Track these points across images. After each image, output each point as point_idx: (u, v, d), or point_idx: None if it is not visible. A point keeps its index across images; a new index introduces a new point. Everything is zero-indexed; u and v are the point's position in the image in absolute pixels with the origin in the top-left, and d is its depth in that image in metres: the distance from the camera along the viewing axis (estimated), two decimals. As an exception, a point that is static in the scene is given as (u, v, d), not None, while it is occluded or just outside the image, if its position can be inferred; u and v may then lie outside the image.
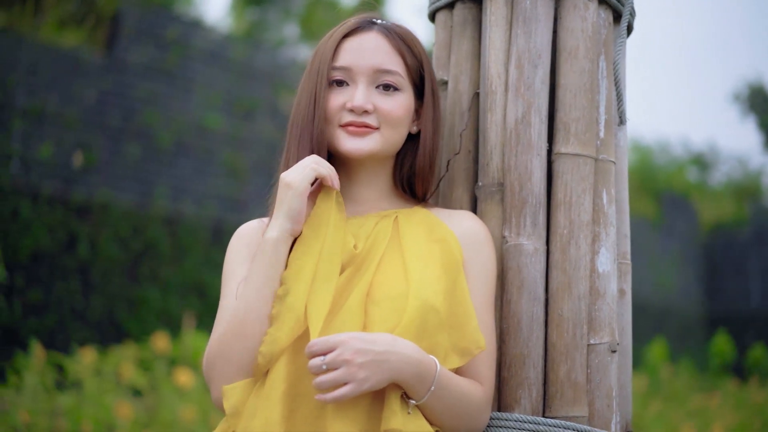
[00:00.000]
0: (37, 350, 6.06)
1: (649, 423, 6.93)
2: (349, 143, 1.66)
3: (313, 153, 1.66)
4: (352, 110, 1.65)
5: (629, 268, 1.78)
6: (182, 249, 7.96)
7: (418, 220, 1.68)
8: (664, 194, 13.68)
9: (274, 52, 10.21)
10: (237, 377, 1.59)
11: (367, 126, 1.65)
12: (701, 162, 18.22)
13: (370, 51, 1.67)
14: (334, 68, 1.67)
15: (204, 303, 8.01)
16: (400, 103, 1.67)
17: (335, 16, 12.04)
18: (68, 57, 7.45)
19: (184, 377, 6.14)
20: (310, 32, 12.23)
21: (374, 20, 1.72)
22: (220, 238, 8.26)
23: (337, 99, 1.67)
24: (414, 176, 1.72)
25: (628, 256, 1.79)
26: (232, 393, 1.57)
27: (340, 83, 1.67)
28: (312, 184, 1.62)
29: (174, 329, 7.35)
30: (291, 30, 12.79)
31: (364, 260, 1.62)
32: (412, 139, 1.73)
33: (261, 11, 12.49)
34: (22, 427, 5.02)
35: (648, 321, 11.80)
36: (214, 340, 1.62)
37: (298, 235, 1.62)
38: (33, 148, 7.10)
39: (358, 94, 1.65)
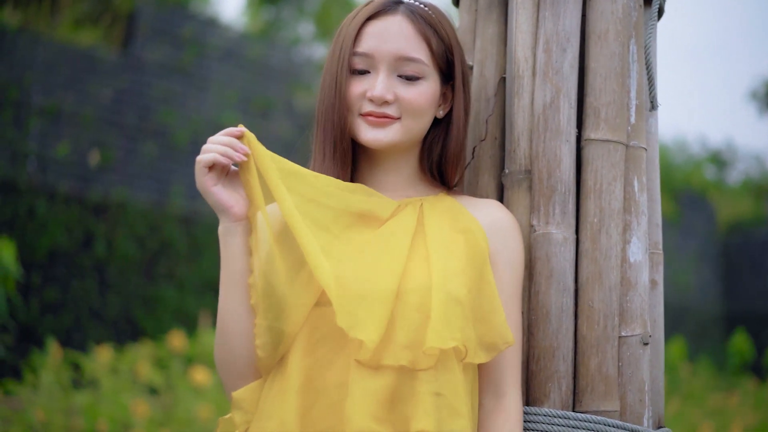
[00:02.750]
0: (54, 349, 6.06)
1: (667, 422, 6.86)
2: (368, 134, 1.61)
3: (335, 141, 1.61)
4: (372, 100, 1.60)
5: (661, 258, 1.73)
6: (198, 247, 7.95)
7: (443, 208, 1.63)
8: (682, 193, 13.58)
9: (289, 50, 10.20)
10: (244, 378, 1.56)
11: (387, 116, 1.60)
12: (719, 160, 18.08)
13: (393, 37, 1.59)
14: (356, 54, 1.61)
15: (220, 301, 7.99)
16: (423, 92, 1.60)
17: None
18: (84, 56, 7.46)
19: (200, 375, 6.13)
20: (325, 30, 12.21)
21: (398, 0, 1.64)
22: (235, 237, 8.23)
23: (357, 87, 1.61)
24: (446, 162, 1.66)
25: (660, 246, 1.73)
26: (242, 400, 1.54)
27: (362, 71, 1.61)
28: (224, 168, 1.57)
29: (190, 327, 7.34)
30: (306, 28, 12.79)
31: (389, 243, 1.56)
32: (439, 123, 1.68)
33: (276, 9, 12.48)
34: (39, 426, 5.02)
35: (666, 319, 11.59)
36: (214, 345, 1.60)
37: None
38: (49, 147, 7.11)
39: (379, 84, 1.59)
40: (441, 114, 1.66)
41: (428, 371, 1.47)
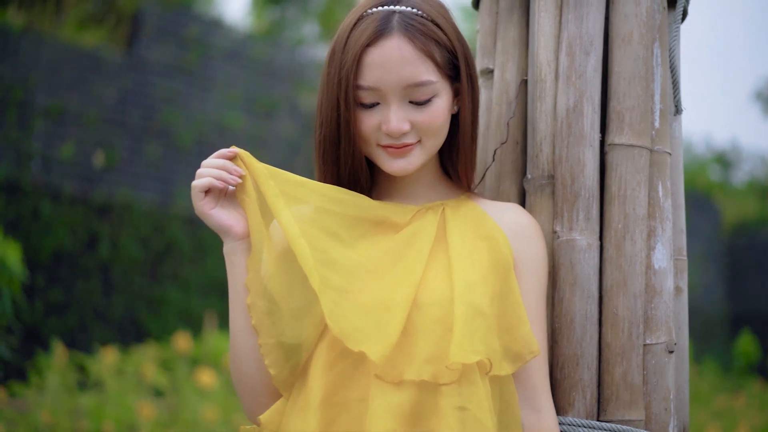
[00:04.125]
0: (59, 350, 6.05)
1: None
2: (392, 165, 1.56)
3: (340, 172, 1.58)
4: (388, 134, 1.54)
5: (685, 265, 1.71)
6: (203, 248, 7.94)
7: (464, 213, 1.60)
8: (687, 193, 13.52)
9: (293, 50, 10.19)
10: (259, 395, 1.56)
11: (407, 145, 1.55)
12: (724, 161, 18.04)
13: (395, 65, 1.50)
14: (360, 88, 1.52)
15: (225, 302, 7.96)
16: (438, 111, 1.54)
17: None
18: (89, 56, 7.45)
19: (206, 377, 6.12)
20: (330, 30, 12.19)
21: (391, 8, 1.54)
22: (240, 238, 8.23)
23: (370, 120, 1.55)
24: (457, 158, 1.61)
25: (684, 252, 1.71)
26: (269, 422, 1.53)
27: (371, 103, 1.55)
28: (222, 190, 1.56)
29: (195, 329, 7.33)
30: (310, 28, 12.77)
31: (407, 251, 1.53)
32: (454, 119, 1.62)
33: (281, 10, 12.47)
34: (45, 428, 5.01)
35: (671, 321, 11.65)
36: (229, 363, 1.60)
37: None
38: (54, 147, 7.10)
39: (393, 118, 1.52)
40: (455, 110, 1.61)
41: (451, 385, 1.44)
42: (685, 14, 1.75)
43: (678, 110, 1.71)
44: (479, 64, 1.83)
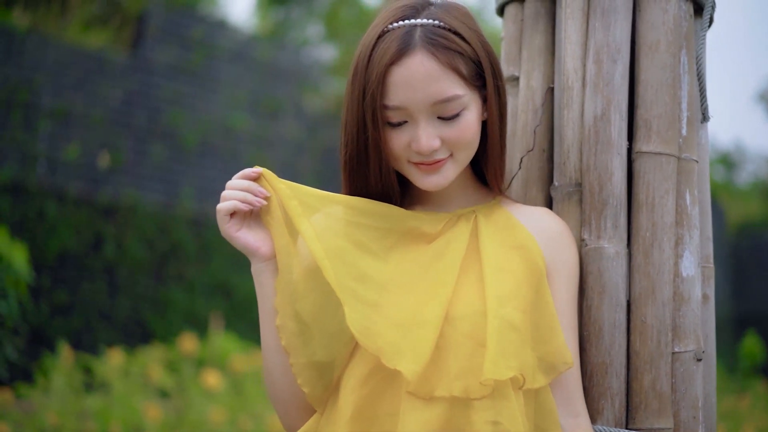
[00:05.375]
0: (65, 351, 6.05)
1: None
2: (425, 181, 1.55)
3: (369, 189, 1.56)
4: (418, 152, 1.52)
5: (712, 272, 1.70)
6: (208, 249, 7.94)
7: (496, 221, 1.59)
8: (690, 194, 13.50)
9: (298, 51, 10.18)
10: (293, 409, 1.57)
11: (438, 161, 1.53)
12: (727, 161, 18.02)
13: (421, 83, 1.48)
14: (387, 107, 1.50)
15: (230, 304, 7.99)
16: (468, 124, 1.52)
17: (359, 15, 11.99)
18: (94, 58, 7.45)
19: (212, 378, 6.12)
20: (334, 31, 12.19)
21: (412, 22, 1.51)
22: (245, 239, 8.21)
23: (400, 139, 1.53)
24: (487, 164, 1.60)
25: (711, 260, 1.71)
26: None
27: (399, 122, 1.53)
28: (247, 213, 1.57)
29: (200, 330, 7.33)
30: (315, 29, 12.76)
31: (439, 262, 1.52)
32: (483, 124, 1.61)
33: (285, 11, 12.46)
34: (51, 429, 5.01)
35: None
36: (264, 380, 1.60)
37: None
38: (59, 148, 7.10)
39: (422, 136, 1.49)
40: (485, 117, 1.59)
41: (484, 400, 1.43)
42: (711, 21, 1.74)
43: (705, 118, 1.70)
44: (504, 71, 1.82)
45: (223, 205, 1.54)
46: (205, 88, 8.24)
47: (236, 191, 1.54)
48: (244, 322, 7.91)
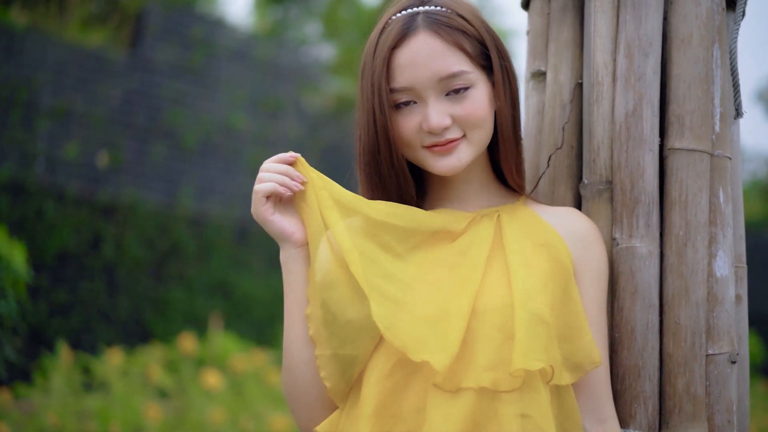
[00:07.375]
0: (64, 351, 6.01)
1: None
2: (440, 164, 1.52)
3: (384, 184, 1.54)
4: (430, 132, 1.50)
5: (745, 272, 1.67)
6: (208, 249, 7.90)
7: (521, 219, 1.55)
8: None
9: (297, 50, 10.14)
10: (312, 409, 1.53)
11: (451, 141, 1.50)
12: (726, 161, 17.98)
13: (425, 60, 1.48)
14: (394, 90, 1.50)
15: (229, 303, 7.96)
16: (477, 101, 1.50)
17: (357, 14, 11.98)
18: (93, 56, 7.40)
19: (211, 378, 6.09)
20: (333, 30, 12.16)
21: (415, 10, 1.52)
22: (245, 238, 8.20)
23: (410, 121, 1.51)
24: (501, 159, 1.57)
25: (744, 259, 1.67)
26: None
27: (407, 103, 1.51)
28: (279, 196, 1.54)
29: (200, 330, 7.29)
30: (313, 28, 12.73)
31: (464, 259, 1.49)
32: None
33: (283, 9, 12.43)
34: (51, 429, 4.97)
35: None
36: (281, 377, 1.57)
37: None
38: (58, 148, 7.05)
39: (431, 113, 1.48)
40: (497, 106, 1.56)
41: (512, 392, 1.40)
42: (743, 14, 1.70)
43: (739, 113, 1.66)
44: (530, 66, 1.79)
45: (262, 187, 1.51)
46: (205, 87, 8.21)
47: (274, 174, 1.52)
48: (244, 321, 7.88)
